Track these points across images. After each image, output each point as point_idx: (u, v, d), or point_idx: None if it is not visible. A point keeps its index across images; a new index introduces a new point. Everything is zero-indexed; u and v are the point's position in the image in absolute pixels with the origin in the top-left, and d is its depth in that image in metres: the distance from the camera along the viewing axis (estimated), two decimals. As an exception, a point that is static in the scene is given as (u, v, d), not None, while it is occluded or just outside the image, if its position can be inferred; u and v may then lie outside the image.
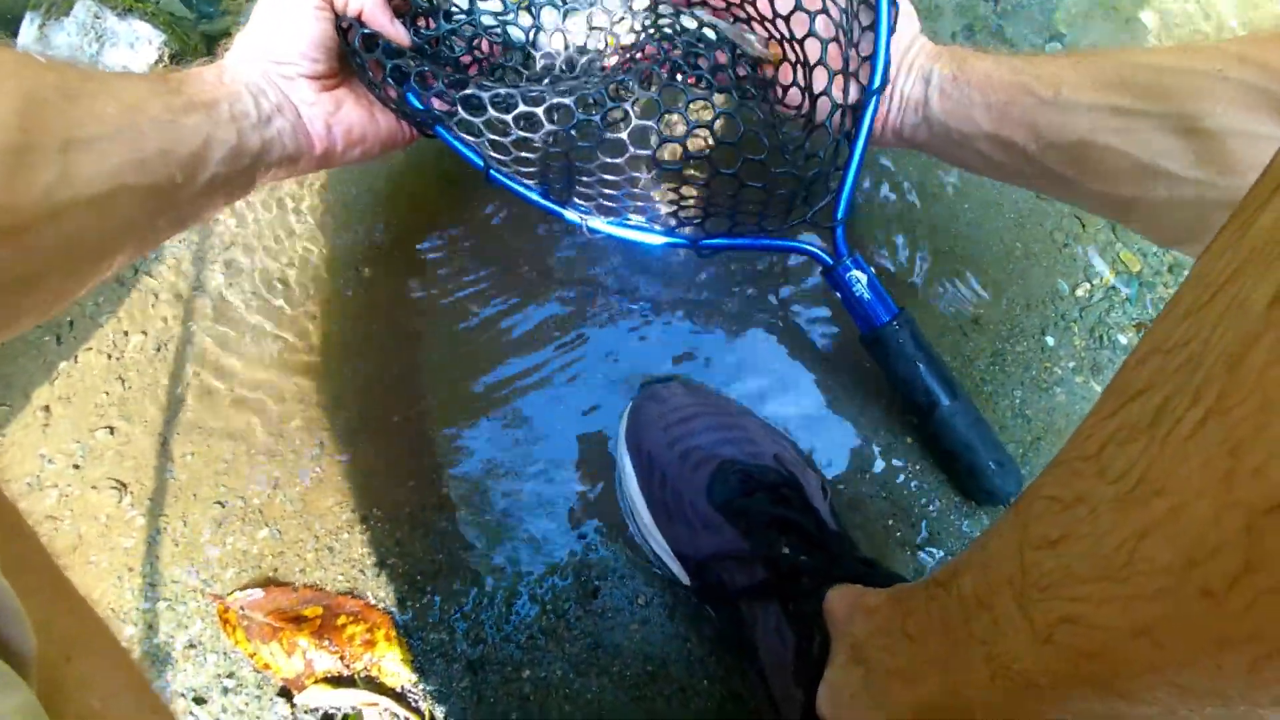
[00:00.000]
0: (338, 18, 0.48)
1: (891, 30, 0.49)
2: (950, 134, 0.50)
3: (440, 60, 0.53)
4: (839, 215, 0.53)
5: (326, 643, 0.55)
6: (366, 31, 0.48)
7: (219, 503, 0.60)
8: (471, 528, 0.60)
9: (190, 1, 0.74)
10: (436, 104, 0.50)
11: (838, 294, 0.57)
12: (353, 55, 0.48)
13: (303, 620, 0.56)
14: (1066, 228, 0.73)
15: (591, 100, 0.49)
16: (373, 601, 0.58)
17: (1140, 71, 0.43)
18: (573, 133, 0.48)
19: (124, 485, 0.60)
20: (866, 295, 0.56)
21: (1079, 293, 0.70)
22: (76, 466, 0.60)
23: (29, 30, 0.66)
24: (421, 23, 0.54)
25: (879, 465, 0.63)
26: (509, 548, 0.59)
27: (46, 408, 0.62)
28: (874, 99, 0.50)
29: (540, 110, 0.47)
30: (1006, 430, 0.64)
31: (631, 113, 0.48)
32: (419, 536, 0.59)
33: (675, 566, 0.56)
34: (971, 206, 0.71)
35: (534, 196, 0.52)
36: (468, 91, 0.49)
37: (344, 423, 0.62)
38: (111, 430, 0.61)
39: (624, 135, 0.47)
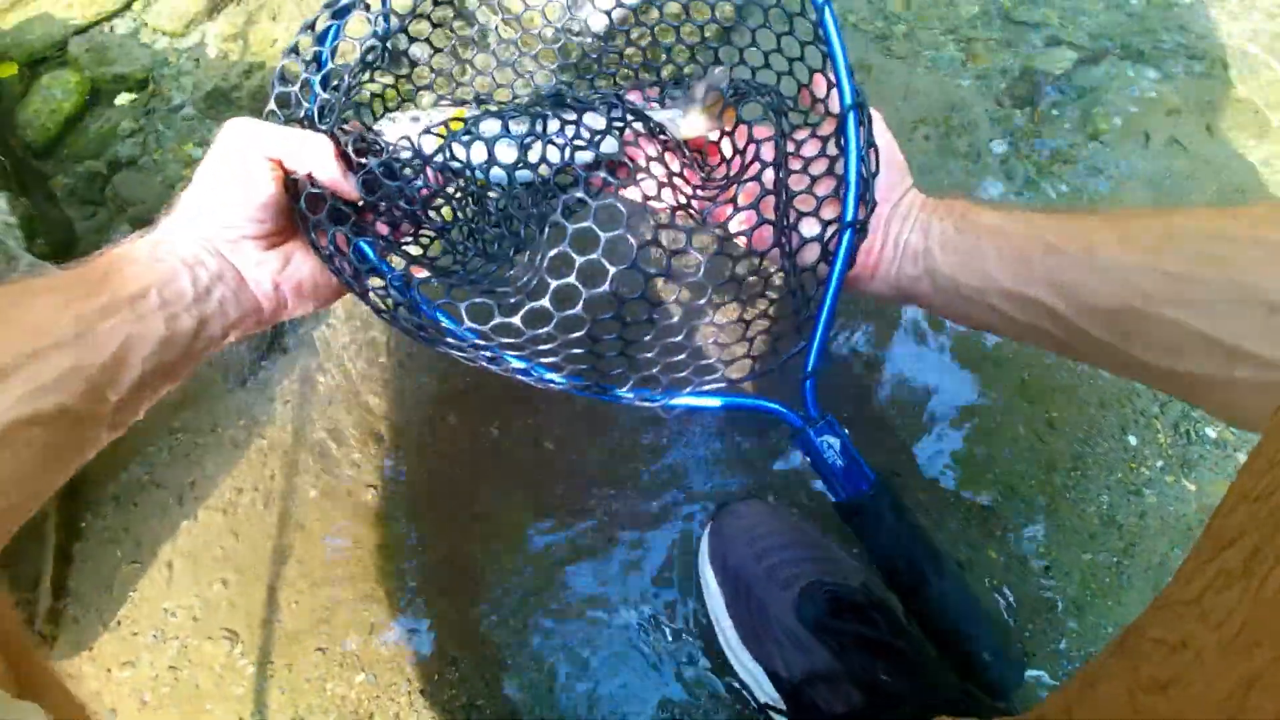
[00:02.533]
0: (286, 176, 0.46)
1: (872, 170, 0.47)
2: (958, 288, 0.46)
3: (395, 214, 0.49)
4: (809, 368, 0.49)
5: (421, 790, 0.56)
6: (315, 190, 0.45)
7: (320, 649, 0.63)
8: (558, 664, 0.61)
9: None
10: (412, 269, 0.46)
11: (805, 457, 0.51)
12: (300, 218, 0.46)
13: (398, 767, 0.58)
14: (1134, 321, 0.72)
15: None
16: (464, 745, 0.59)
17: (1188, 236, 0.40)
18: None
19: (236, 634, 0.65)
20: (839, 463, 0.50)
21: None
22: (195, 619, 0.65)
23: (163, 230, 0.76)
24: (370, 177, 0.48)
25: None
26: (599, 688, 0.60)
27: (170, 564, 0.68)
28: (847, 234, 0.46)
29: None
30: (1096, 539, 0.62)
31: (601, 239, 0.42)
32: (508, 679, 0.61)
33: (767, 688, 0.55)
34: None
35: (486, 355, 0.46)
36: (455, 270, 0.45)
37: (435, 566, 0.65)
38: (225, 583, 0.66)
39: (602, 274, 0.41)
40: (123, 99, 0.89)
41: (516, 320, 0.42)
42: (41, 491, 0.41)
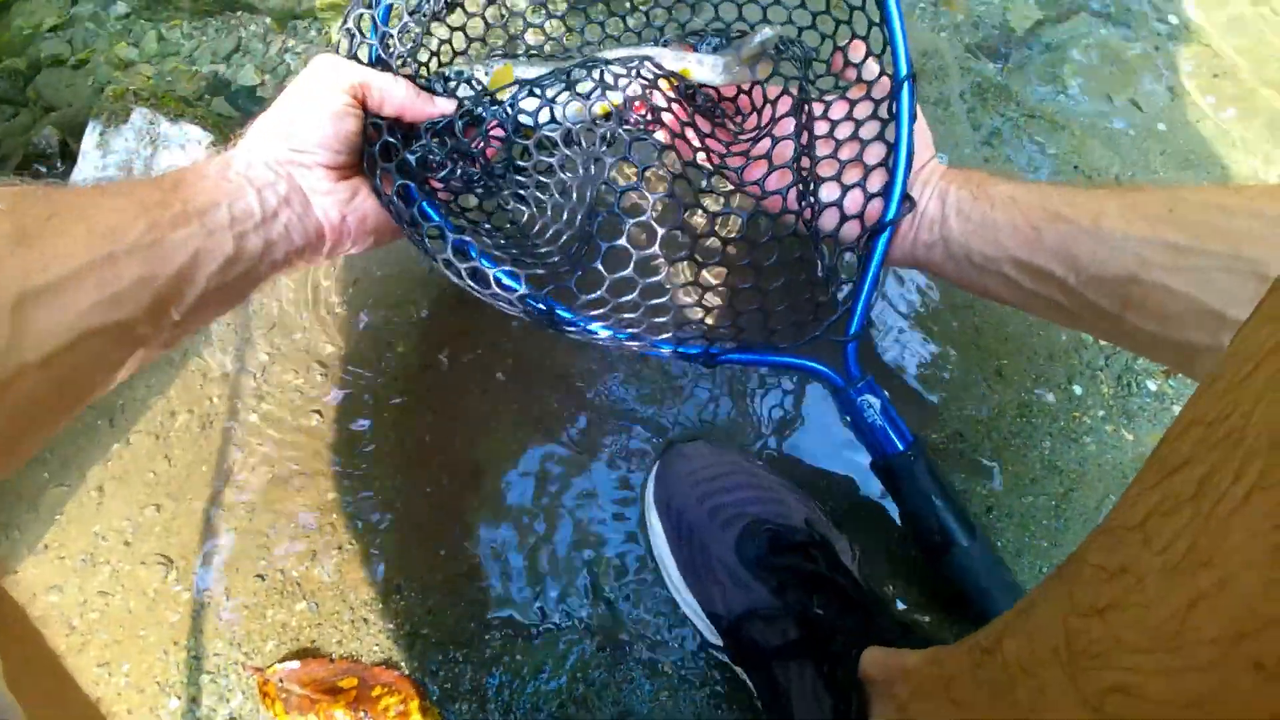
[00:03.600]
0: (366, 114, 0.47)
1: (913, 123, 0.48)
2: (970, 257, 0.48)
3: (455, 159, 0.51)
4: (851, 331, 0.50)
5: (362, 714, 0.56)
6: (390, 139, 0.47)
7: (259, 576, 0.62)
8: (501, 595, 0.60)
9: (236, 101, 0.80)
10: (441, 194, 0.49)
11: (847, 417, 0.53)
12: (369, 162, 0.48)
13: (339, 692, 0.57)
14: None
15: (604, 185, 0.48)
16: (406, 672, 0.58)
17: (1191, 208, 0.41)
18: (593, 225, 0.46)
19: (170, 560, 0.62)
20: (879, 422, 0.53)
21: (1102, 343, 0.70)
22: (127, 543, 0.63)
23: (91, 137, 0.71)
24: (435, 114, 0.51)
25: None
26: (538, 615, 0.60)
27: (100, 487, 0.65)
28: (895, 206, 0.48)
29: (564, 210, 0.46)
30: (1038, 483, 0.64)
31: (650, 202, 0.45)
32: (451, 605, 0.60)
33: (705, 626, 0.56)
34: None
35: (539, 306, 0.48)
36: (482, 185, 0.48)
37: (377, 494, 0.64)
38: (158, 507, 0.64)
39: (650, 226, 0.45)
40: (46, -8, 0.82)
41: (570, 284, 0.46)
42: (82, 400, 0.39)
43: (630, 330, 0.49)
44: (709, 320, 0.52)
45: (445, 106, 0.50)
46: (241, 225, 0.43)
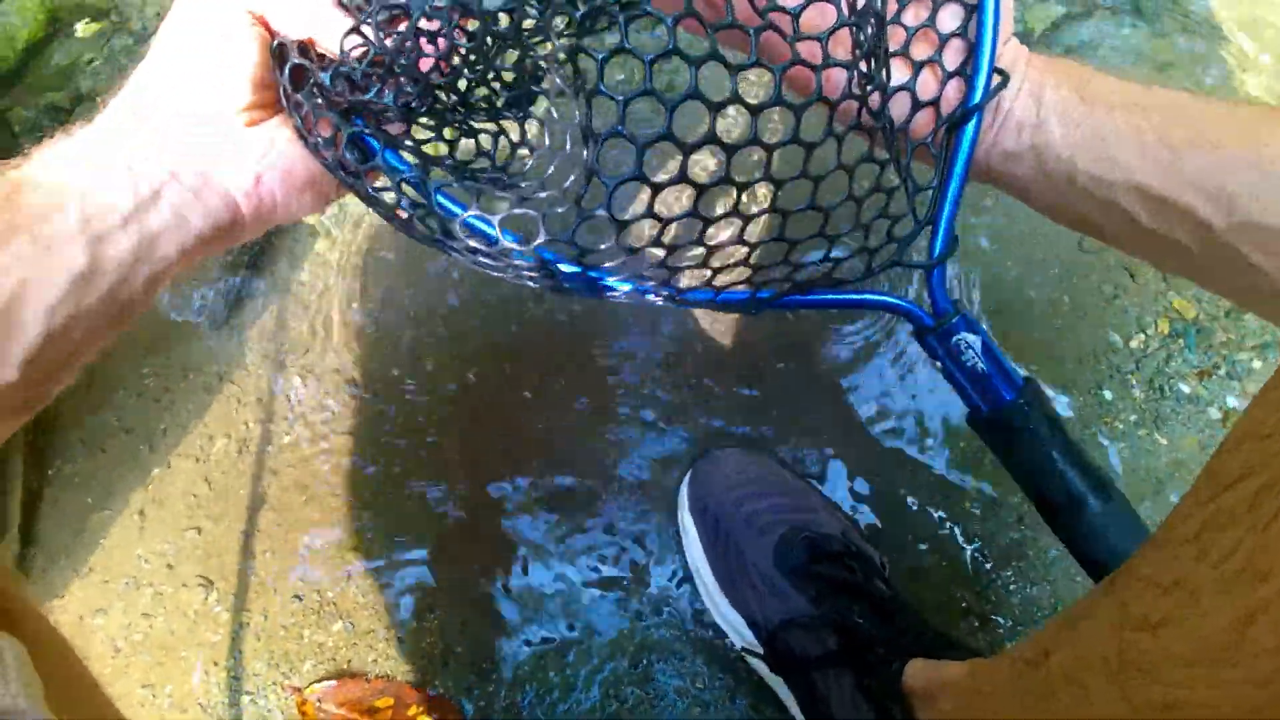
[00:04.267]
0: (271, 38, 0.35)
1: None
2: (1074, 177, 0.37)
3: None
4: (935, 253, 0.39)
5: (399, 733, 0.57)
6: (301, 62, 0.34)
7: (296, 596, 0.63)
8: (533, 613, 0.61)
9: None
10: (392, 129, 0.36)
11: (936, 363, 0.43)
12: (285, 96, 0.35)
13: (375, 711, 0.58)
14: (1115, 279, 0.72)
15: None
16: (441, 691, 0.59)
17: None
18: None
19: (210, 582, 0.64)
20: (981, 366, 0.41)
21: (1133, 344, 0.69)
22: (169, 566, 0.65)
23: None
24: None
25: (940, 532, 0.62)
26: (571, 632, 0.60)
27: (142, 511, 0.67)
28: (985, 85, 0.37)
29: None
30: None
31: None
32: (484, 624, 0.61)
33: (742, 633, 0.56)
34: (1014, 263, 0.72)
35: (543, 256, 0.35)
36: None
37: (409, 514, 0.65)
38: (199, 530, 0.65)
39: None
40: (84, 28, 0.85)
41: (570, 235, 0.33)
42: None
43: (652, 283, 0.38)
44: (755, 256, 0.38)
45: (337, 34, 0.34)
46: (99, 225, 0.32)
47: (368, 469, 0.66)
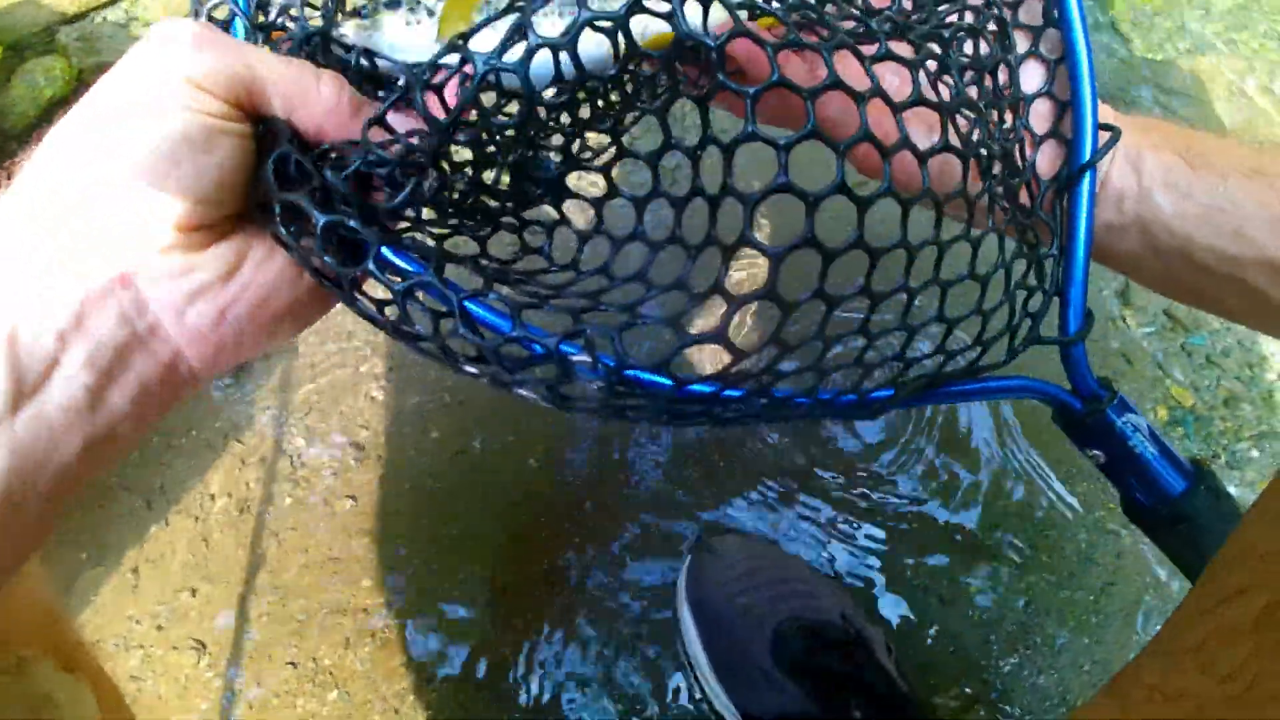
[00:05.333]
0: (259, 126, 0.26)
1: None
2: (1190, 252, 0.33)
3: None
4: (1071, 329, 0.35)
5: (391, 813, 0.55)
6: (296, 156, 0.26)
7: (291, 663, 0.61)
8: (534, 691, 0.60)
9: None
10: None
11: (1087, 452, 0.38)
12: (260, 207, 0.26)
13: (368, 789, 0.56)
14: (1112, 364, 0.74)
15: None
16: (437, 768, 0.57)
17: None
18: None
19: (203, 645, 0.62)
20: (1151, 452, 0.36)
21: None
22: (160, 628, 0.63)
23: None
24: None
25: (945, 616, 0.62)
26: (569, 711, 0.59)
27: (136, 569, 0.66)
28: (1090, 138, 0.33)
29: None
30: (1075, 577, 0.63)
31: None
32: (482, 699, 0.59)
33: (740, 727, 0.55)
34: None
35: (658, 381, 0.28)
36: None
37: (410, 582, 0.64)
38: (194, 591, 0.64)
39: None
40: (110, 90, 0.87)
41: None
42: None
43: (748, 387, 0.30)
44: (871, 352, 0.31)
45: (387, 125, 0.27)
46: None
47: (369, 536, 0.66)
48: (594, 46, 0.27)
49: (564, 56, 0.26)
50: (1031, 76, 0.35)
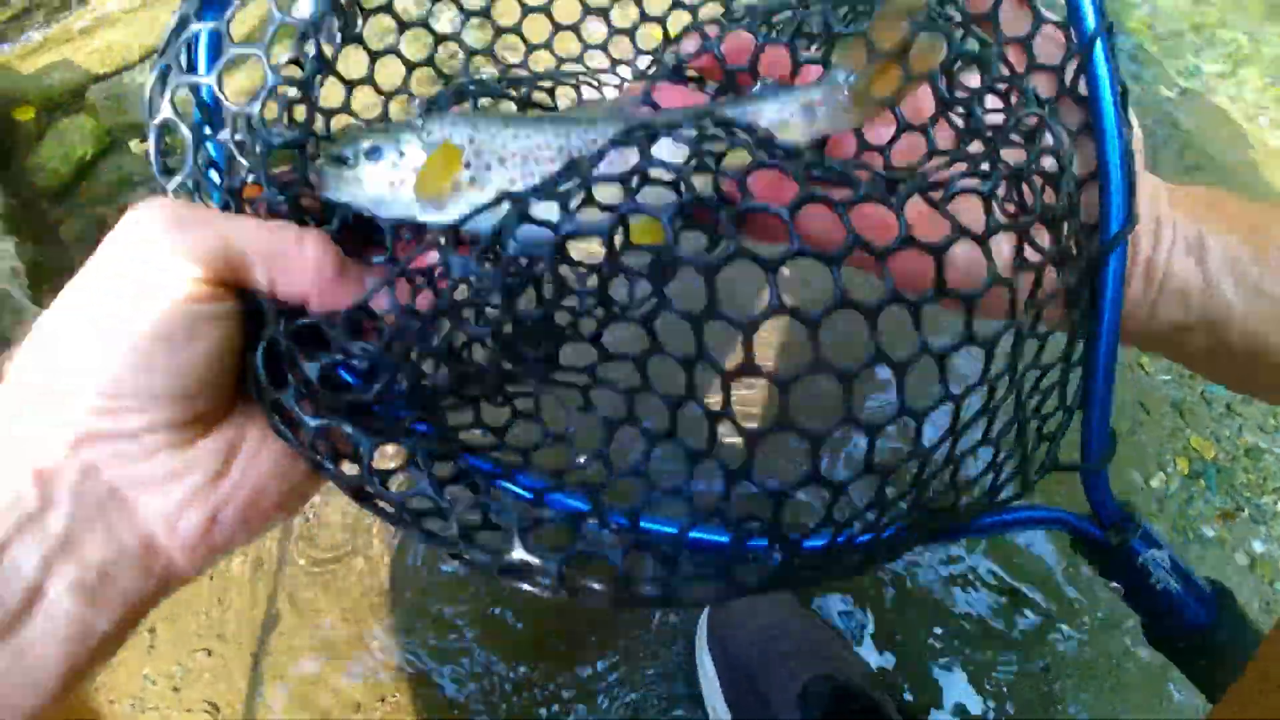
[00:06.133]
0: (249, 306, 0.25)
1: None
2: (1267, 353, 0.30)
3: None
4: (1095, 456, 0.31)
5: None
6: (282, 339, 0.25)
7: (303, 727, 0.61)
8: (546, 753, 0.59)
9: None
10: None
11: (1109, 583, 0.36)
12: (264, 389, 0.25)
13: None
14: (1130, 414, 0.73)
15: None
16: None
17: None
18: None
19: (216, 709, 0.63)
20: (1174, 585, 0.35)
21: (1154, 483, 0.69)
22: (175, 689, 0.64)
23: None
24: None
25: (962, 689, 0.60)
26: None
27: (153, 628, 0.66)
28: (1120, 213, 0.28)
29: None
30: (1097, 642, 0.62)
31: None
32: (494, 764, 0.59)
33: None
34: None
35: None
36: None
37: (423, 646, 0.64)
38: (209, 652, 0.65)
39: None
40: (138, 146, 0.89)
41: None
42: None
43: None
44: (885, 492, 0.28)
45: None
46: None
47: (381, 599, 0.66)
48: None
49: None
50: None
